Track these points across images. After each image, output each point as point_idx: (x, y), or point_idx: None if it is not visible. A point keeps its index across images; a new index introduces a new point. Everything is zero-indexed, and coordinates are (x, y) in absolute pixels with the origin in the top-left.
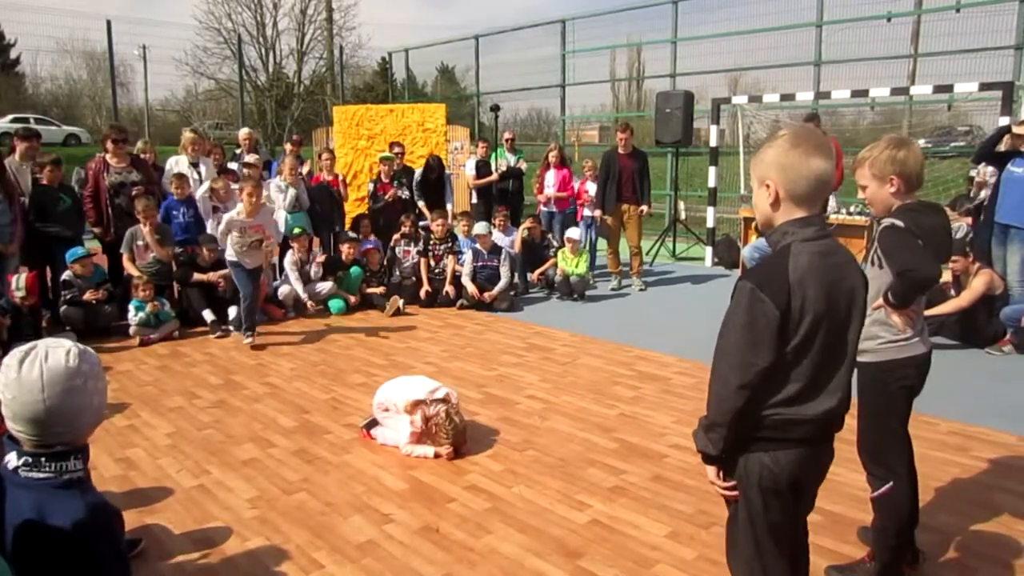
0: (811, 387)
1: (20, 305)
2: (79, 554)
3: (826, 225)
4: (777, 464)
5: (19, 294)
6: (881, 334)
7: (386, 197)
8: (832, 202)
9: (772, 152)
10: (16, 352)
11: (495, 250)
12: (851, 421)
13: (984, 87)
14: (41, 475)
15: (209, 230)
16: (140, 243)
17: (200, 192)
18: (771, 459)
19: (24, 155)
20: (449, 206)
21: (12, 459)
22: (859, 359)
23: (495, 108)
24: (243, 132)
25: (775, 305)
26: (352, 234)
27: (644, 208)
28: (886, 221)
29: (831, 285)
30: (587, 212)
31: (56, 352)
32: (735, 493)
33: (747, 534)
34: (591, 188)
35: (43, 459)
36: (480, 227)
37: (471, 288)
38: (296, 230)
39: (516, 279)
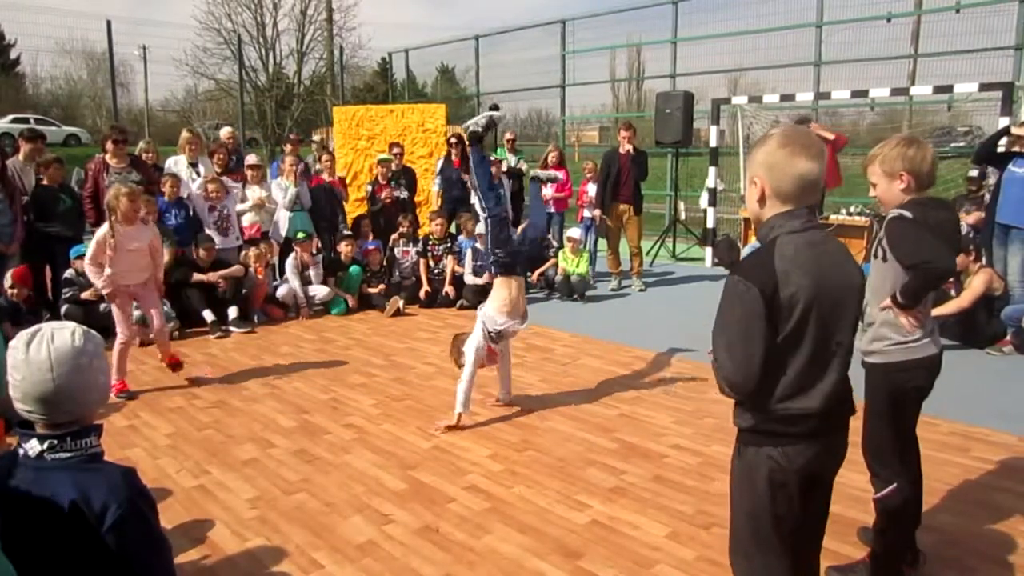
0: (809, 378)
1: (16, 301)
2: (130, 517)
3: (813, 218)
4: (786, 458)
5: (6, 283)
6: (889, 335)
7: (383, 198)
8: None
9: (761, 151)
10: (22, 335)
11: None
12: (856, 422)
13: (984, 87)
14: (68, 454)
15: (207, 231)
16: None
17: (195, 187)
18: (780, 453)
19: (28, 156)
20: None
21: (34, 446)
22: (867, 360)
23: (494, 107)
24: (225, 131)
25: (760, 291)
26: (347, 232)
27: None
28: (894, 212)
29: (819, 273)
30: (587, 213)
31: (62, 332)
32: None
33: (748, 527)
34: (591, 190)
35: (68, 438)
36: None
37: (480, 281)
38: (300, 235)
39: None
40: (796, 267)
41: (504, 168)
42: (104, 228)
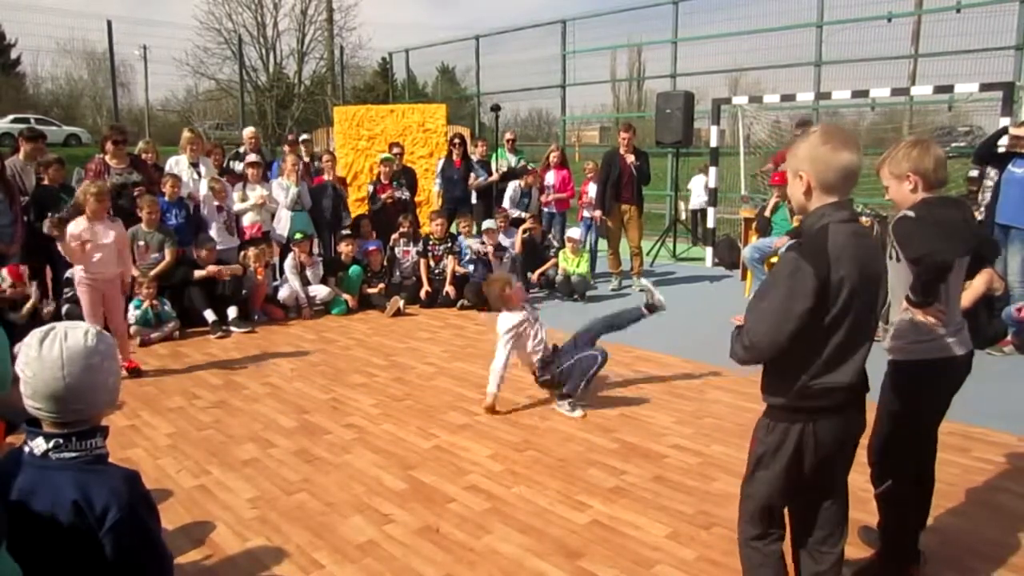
0: (843, 355)
1: (13, 298)
2: (129, 521)
3: (855, 211)
4: (816, 432)
5: (5, 284)
6: (908, 334)
7: (384, 198)
8: None
9: (805, 147)
10: (36, 332)
11: (499, 249)
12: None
13: (984, 87)
14: (73, 454)
15: (214, 231)
16: (141, 243)
17: (203, 189)
18: (812, 429)
19: (29, 155)
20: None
21: (40, 444)
22: (889, 357)
23: (496, 108)
24: (248, 131)
25: (816, 274)
26: (347, 232)
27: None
28: (900, 213)
29: (863, 262)
30: (587, 213)
31: (75, 332)
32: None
33: (757, 489)
34: (591, 190)
35: (73, 438)
36: (489, 223)
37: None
38: (298, 235)
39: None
40: (846, 254)
41: (504, 168)
42: (80, 223)
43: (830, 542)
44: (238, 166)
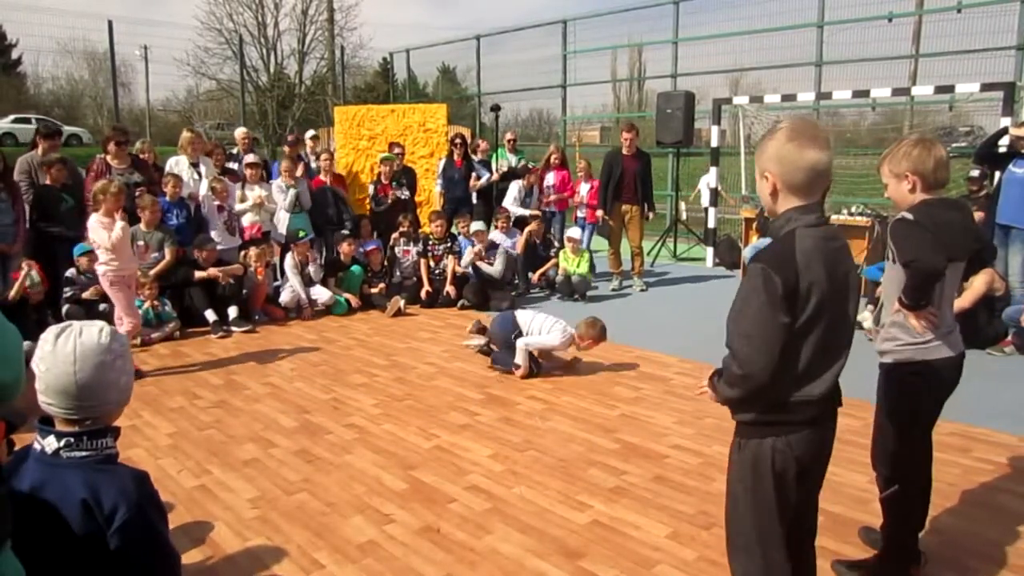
0: (817, 367)
1: (37, 301)
2: (137, 520)
3: (824, 214)
4: (790, 447)
5: (35, 289)
6: (899, 335)
7: (387, 199)
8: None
9: (771, 145)
10: (53, 328)
11: (492, 247)
12: (860, 424)
13: (985, 88)
14: (83, 453)
15: (215, 232)
16: (140, 243)
17: (204, 189)
18: (784, 443)
19: (47, 152)
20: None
21: (51, 443)
22: (881, 360)
23: (496, 108)
24: (240, 132)
25: (783, 283)
26: (345, 232)
27: (650, 214)
28: (899, 214)
29: (832, 267)
30: (580, 214)
31: (90, 329)
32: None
33: (750, 521)
34: (583, 189)
35: (84, 437)
36: (477, 225)
37: (475, 262)
38: (301, 233)
39: (516, 279)
40: (815, 261)
41: (504, 168)
42: (101, 217)
43: (805, 550)
44: (233, 166)
